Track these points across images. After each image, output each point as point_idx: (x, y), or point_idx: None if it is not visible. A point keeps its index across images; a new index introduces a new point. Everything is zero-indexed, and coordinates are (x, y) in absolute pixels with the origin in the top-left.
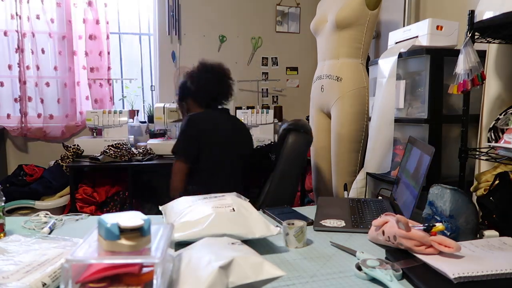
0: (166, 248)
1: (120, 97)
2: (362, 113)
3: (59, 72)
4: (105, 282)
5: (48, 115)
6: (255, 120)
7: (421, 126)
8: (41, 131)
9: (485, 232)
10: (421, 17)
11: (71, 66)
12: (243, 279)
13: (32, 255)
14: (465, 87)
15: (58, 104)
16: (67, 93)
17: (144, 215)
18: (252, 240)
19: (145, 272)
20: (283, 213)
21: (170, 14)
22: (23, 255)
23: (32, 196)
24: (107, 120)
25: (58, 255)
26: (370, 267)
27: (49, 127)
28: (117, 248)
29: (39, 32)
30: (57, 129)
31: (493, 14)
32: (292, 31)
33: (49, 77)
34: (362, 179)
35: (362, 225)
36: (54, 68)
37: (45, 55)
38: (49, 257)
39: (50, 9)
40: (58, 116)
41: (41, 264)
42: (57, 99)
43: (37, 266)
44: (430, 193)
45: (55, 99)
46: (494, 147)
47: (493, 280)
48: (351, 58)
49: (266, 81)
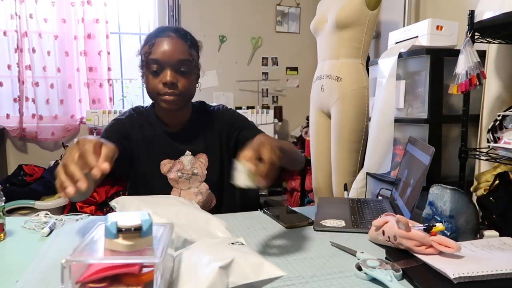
0: (166, 248)
1: (120, 97)
2: (362, 113)
3: (59, 72)
4: (105, 282)
5: (48, 115)
6: (255, 120)
7: (421, 126)
8: (40, 131)
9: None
10: (421, 17)
11: (71, 66)
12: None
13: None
14: (465, 87)
15: (58, 104)
16: (67, 93)
17: (149, 215)
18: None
19: (145, 272)
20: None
21: (170, 14)
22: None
23: (32, 196)
24: (107, 120)
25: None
26: (370, 267)
27: (48, 127)
28: (115, 247)
29: (39, 32)
30: (57, 129)
31: (493, 14)
32: (292, 31)
33: (49, 77)
34: (362, 179)
35: (362, 225)
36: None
37: (45, 55)
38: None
39: (50, 9)
40: (58, 116)
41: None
42: (57, 99)
43: None
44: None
45: (55, 99)
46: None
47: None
48: (351, 58)
49: (266, 81)
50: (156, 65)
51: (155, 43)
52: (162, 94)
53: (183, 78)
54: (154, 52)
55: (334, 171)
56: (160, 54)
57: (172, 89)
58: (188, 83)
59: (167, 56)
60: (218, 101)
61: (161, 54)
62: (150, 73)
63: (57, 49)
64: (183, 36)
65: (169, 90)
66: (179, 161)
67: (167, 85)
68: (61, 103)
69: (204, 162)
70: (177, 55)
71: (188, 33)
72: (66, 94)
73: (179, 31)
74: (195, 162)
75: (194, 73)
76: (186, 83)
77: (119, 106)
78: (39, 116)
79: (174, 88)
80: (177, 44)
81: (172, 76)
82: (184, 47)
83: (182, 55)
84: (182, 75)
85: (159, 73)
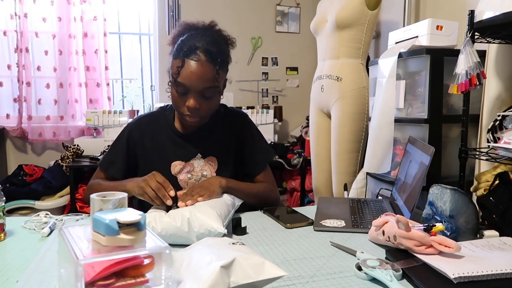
0: (160, 239)
1: (120, 97)
2: (362, 113)
3: (59, 73)
4: (112, 279)
5: (48, 115)
6: (255, 120)
7: (421, 126)
8: (40, 131)
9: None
10: (421, 17)
11: (71, 66)
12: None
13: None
14: (465, 87)
15: (58, 104)
16: (67, 93)
17: (137, 211)
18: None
19: (147, 264)
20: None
21: (170, 14)
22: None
23: (32, 196)
24: (107, 120)
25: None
26: (370, 267)
27: (48, 127)
28: (118, 242)
29: (39, 32)
30: (57, 129)
31: (493, 14)
32: (292, 31)
33: (49, 77)
34: (362, 179)
35: (362, 225)
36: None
37: (44, 55)
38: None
39: (49, 9)
40: (58, 116)
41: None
42: (57, 99)
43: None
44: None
45: (55, 99)
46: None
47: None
48: (351, 58)
49: (266, 81)
50: (182, 88)
51: (184, 66)
52: (185, 114)
53: (206, 102)
54: (182, 75)
55: (334, 171)
56: (187, 79)
57: (195, 112)
58: (211, 105)
59: (193, 82)
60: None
61: (188, 79)
62: (176, 92)
63: (57, 49)
64: (212, 59)
65: (191, 113)
66: (189, 163)
67: (190, 109)
68: (61, 103)
69: (214, 165)
70: (202, 83)
71: (220, 52)
72: (66, 94)
73: (210, 53)
74: (205, 165)
75: (219, 92)
76: (208, 106)
77: (119, 106)
78: (39, 116)
79: (197, 112)
80: (205, 71)
81: (195, 103)
82: (212, 72)
83: (208, 83)
84: (205, 100)
85: (184, 95)
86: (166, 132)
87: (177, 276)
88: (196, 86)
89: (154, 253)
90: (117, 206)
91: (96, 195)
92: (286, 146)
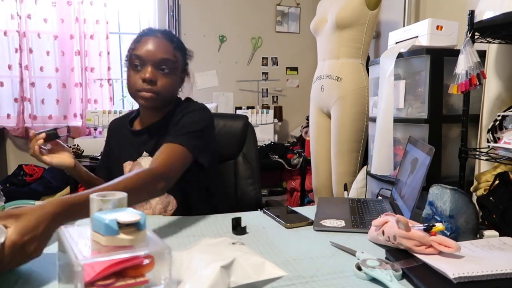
0: (160, 239)
1: (120, 97)
2: (362, 113)
3: (59, 73)
4: (112, 279)
5: (48, 115)
6: (255, 120)
7: (421, 126)
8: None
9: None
10: (421, 17)
11: (72, 66)
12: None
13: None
14: (465, 87)
15: (58, 104)
16: (67, 93)
17: (136, 211)
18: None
19: (146, 264)
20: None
21: (170, 14)
22: None
23: (32, 196)
24: (107, 120)
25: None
26: (370, 267)
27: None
28: (117, 242)
29: (39, 32)
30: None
31: (493, 14)
32: (292, 31)
33: (49, 77)
34: (362, 179)
35: (362, 225)
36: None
37: (45, 55)
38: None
39: (50, 9)
40: (58, 116)
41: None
42: (57, 99)
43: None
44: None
45: (55, 99)
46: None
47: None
48: (351, 58)
49: (266, 81)
50: (138, 61)
51: (141, 41)
52: (140, 90)
53: (163, 77)
54: (138, 48)
55: (334, 171)
56: (144, 50)
57: (151, 85)
58: (167, 82)
59: (149, 53)
60: (218, 101)
61: (144, 50)
62: (132, 69)
63: (57, 49)
64: (169, 37)
65: (147, 87)
66: (137, 163)
67: (146, 81)
68: (62, 103)
69: None
70: (159, 54)
71: (177, 37)
72: (66, 94)
73: (167, 33)
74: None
75: (177, 74)
76: (165, 82)
77: (119, 106)
78: (40, 116)
79: (153, 85)
80: (161, 43)
81: (151, 73)
82: (169, 47)
83: (165, 54)
84: (162, 73)
85: (140, 69)
86: (124, 132)
87: (177, 276)
88: (153, 56)
89: (154, 253)
90: (117, 206)
91: (96, 195)
92: (286, 146)
